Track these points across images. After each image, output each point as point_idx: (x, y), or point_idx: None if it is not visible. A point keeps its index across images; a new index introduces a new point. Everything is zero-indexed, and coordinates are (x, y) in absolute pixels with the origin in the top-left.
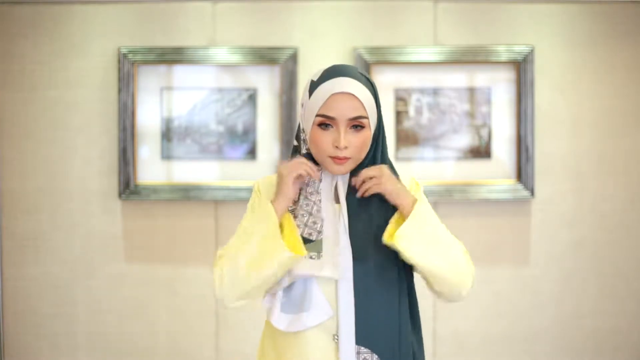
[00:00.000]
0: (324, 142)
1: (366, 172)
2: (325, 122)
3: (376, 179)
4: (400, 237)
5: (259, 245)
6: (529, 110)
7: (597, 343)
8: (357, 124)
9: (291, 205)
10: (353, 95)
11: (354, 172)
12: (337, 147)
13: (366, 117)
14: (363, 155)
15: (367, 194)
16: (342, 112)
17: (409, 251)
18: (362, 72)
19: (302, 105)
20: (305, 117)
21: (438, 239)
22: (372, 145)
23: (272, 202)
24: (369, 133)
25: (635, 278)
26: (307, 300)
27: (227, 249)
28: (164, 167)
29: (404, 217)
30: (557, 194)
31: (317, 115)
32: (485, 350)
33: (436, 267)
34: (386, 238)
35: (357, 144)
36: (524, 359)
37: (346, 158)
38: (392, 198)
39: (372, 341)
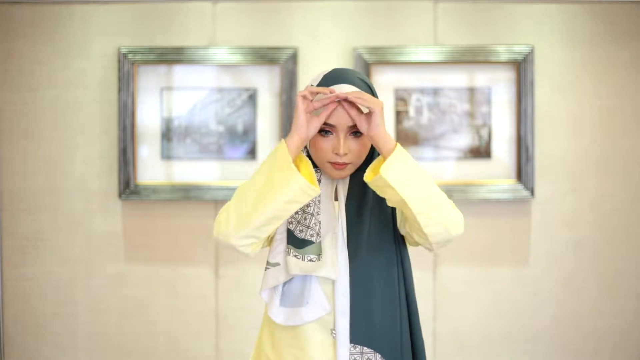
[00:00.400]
0: (324, 148)
1: (365, 96)
2: (325, 129)
3: (370, 108)
4: (385, 169)
5: (270, 176)
6: (529, 110)
7: (597, 343)
8: (356, 131)
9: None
10: (351, 102)
11: (354, 176)
12: (336, 153)
13: None
14: (362, 159)
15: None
16: (342, 120)
17: (394, 182)
18: (360, 76)
19: None
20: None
21: (422, 174)
22: (371, 148)
23: (285, 139)
24: (366, 139)
25: (635, 278)
26: (305, 295)
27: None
28: (164, 167)
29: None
30: (557, 194)
31: None
32: (485, 350)
33: (423, 199)
34: (368, 176)
35: (356, 150)
36: (524, 359)
37: (345, 164)
38: (377, 139)
39: (373, 340)
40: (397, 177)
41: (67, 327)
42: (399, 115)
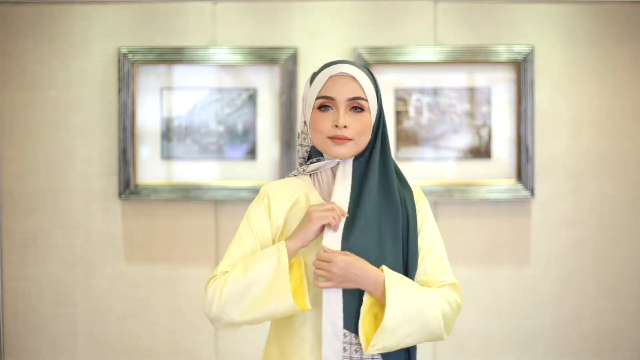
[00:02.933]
0: (324, 123)
1: (318, 256)
2: (324, 104)
3: (326, 267)
4: (379, 340)
5: (265, 286)
6: (529, 110)
7: (597, 343)
8: (356, 106)
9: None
10: (352, 76)
11: (357, 163)
12: (336, 126)
13: (365, 100)
14: (364, 140)
15: (320, 284)
16: (341, 91)
17: (393, 347)
18: (364, 65)
19: (303, 99)
20: (306, 106)
21: (418, 313)
22: (372, 135)
23: (288, 240)
24: (368, 117)
25: (635, 278)
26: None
27: (228, 266)
28: (164, 167)
29: (375, 300)
30: (557, 194)
31: (317, 98)
32: (485, 350)
33: (418, 341)
34: (365, 344)
35: (356, 126)
36: (524, 359)
37: (346, 138)
38: (353, 286)
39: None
40: (393, 343)
41: (67, 327)
42: (399, 115)
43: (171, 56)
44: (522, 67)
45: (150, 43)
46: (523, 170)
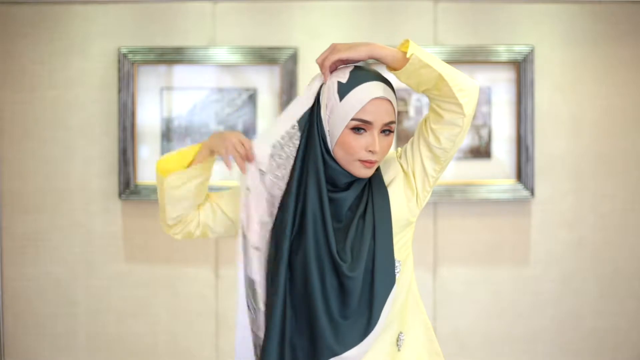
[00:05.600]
0: (358, 146)
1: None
2: (359, 127)
3: (327, 53)
4: (414, 51)
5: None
6: (529, 110)
7: (596, 343)
8: (387, 129)
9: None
10: (389, 100)
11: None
12: (370, 151)
13: (395, 123)
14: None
15: (326, 67)
16: (380, 116)
17: (426, 59)
18: (382, 75)
19: (327, 106)
20: (334, 121)
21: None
22: None
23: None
24: (392, 137)
25: (635, 278)
26: None
27: None
28: None
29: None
30: (557, 194)
31: (353, 119)
32: (485, 350)
33: (448, 69)
34: (408, 69)
35: (385, 149)
36: (524, 359)
37: (376, 162)
38: (370, 53)
39: None
40: (425, 55)
41: (67, 327)
42: (399, 115)
43: (171, 56)
44: (522, 67)
45: (150, 43)
46: (523, 170)
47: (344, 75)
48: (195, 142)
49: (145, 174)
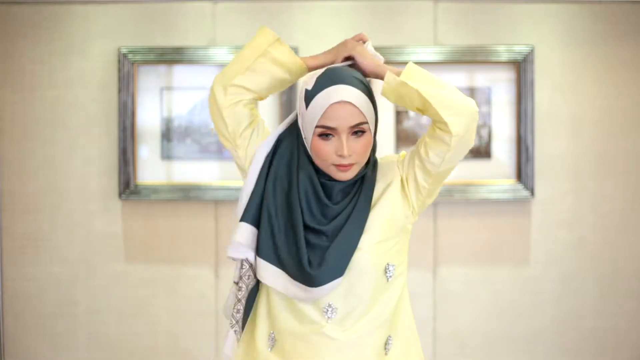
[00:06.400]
0: (327, 152)
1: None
2: (325, 133)
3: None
4: (404, 74)
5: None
6: (529, 110)
7: (596, 343)
8: (357, 130)
9: None
10: (351, 103)
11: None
12: (340, 155)
13: (366, 122)
14: (365, 158)
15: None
16: (343, 121)
17: (414, 81)
18: (354, 74)
19: (300, 114)
20: (305, 127)
21: (436, 77)
22: (372, 146)
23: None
24: (369, 137)
25: (635, 278)
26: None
27: None
28: (164, 167)
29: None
30: (557, 194)
31: (317, 127)
32: (485, 350)
33: (442, 90)
34: (386, 89)
35: (359, 150)
36: (524, 359)
37: (351, 165)
38: (372, 70)
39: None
40: (415, 80)
41: (67, 327)
42: (399, 116)
43: (171, 56)
44: (522, 67)
45: (150, 43)
46: (523, 170)
47: (310, 82)
48: (196, 142)
49: (146, 174)
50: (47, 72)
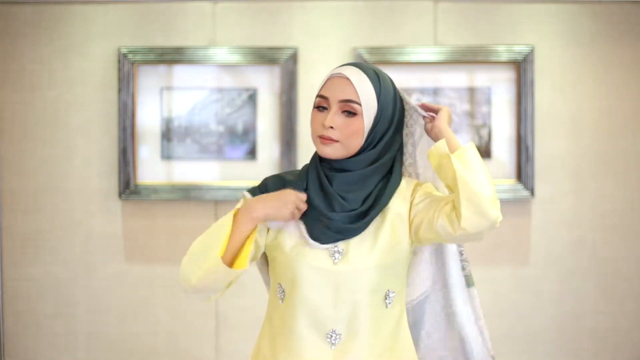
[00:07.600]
0: (316, 121)
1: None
2: (321, 104)
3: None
4: (457, 151)
5: (209, 234)
6: (529, 110)
7: (597, 343)
8: (349, 109)
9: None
10: (347, 78)
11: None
12: (324, 126)
13: (358, 103)
14: (353, 144)
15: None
16: (335, 92)
17: (459, 161)
18: (376, 69)
19: None
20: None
21: (484, 172)
22: (368, 140)
23: (249, 201)
24: (360, 122)
25: (635, 278)
26: None
27: None
28: (164, 167)
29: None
30: (557, 194)
31: (316, 97)
32: None
33: (478, 185)
34: (432, 151)
35: (344, 129)
36: (524, 359)
37: (331, 139)
38: (440, 129)
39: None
40: (463, 160)
41: (67, 327)
42: None
43: (171, 56)
44: (522, 67)
45: (150, 43)
46: (523, 170)
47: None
48: (195, 142)
49: (146, 174)
50: (47, 72)
